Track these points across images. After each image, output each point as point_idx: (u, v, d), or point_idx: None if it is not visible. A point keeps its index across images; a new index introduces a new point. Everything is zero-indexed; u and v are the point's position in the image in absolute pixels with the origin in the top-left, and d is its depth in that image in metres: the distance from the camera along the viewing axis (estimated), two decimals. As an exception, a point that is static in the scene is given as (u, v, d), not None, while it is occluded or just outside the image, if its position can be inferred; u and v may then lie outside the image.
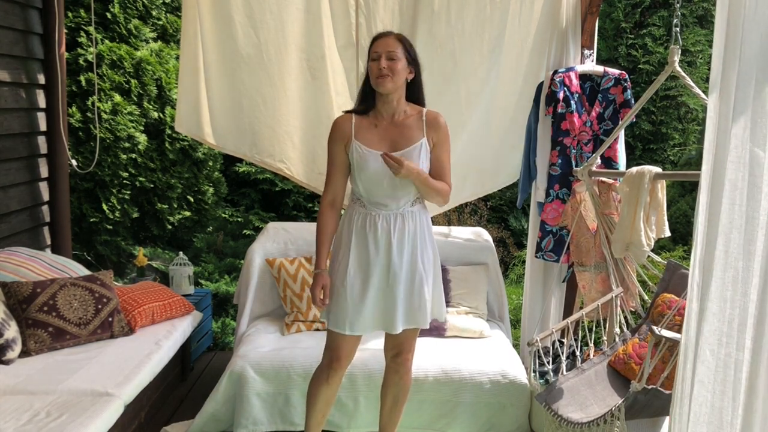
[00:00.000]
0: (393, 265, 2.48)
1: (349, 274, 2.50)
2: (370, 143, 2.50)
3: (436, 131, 2.54)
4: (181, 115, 3.69)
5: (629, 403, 2.15)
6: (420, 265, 2.52)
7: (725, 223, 1.33)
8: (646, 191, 2.72)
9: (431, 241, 2.61)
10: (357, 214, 2.53)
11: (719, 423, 1.36)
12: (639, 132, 6.38)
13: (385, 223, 2.49)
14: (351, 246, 2.51)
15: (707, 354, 1.35)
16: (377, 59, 2.45)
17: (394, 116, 2.53)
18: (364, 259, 2.50)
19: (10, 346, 2.79)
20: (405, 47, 2.50)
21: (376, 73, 2.44)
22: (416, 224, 2.54)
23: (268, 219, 5.59)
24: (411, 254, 2.51)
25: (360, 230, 2.51)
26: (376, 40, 2.52)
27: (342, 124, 2.54)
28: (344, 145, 2.53)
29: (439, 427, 3.06)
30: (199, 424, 3.02)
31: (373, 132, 2.52)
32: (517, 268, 5.73)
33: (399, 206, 2.51)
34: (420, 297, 2.53)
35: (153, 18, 5.15)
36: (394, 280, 2.49)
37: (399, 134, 2.51)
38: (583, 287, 3.22)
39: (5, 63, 3.54)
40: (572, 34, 3.45)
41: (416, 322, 2.56)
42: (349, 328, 2.51)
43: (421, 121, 2.53)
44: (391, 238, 2.49)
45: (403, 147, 2.49)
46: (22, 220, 3.73)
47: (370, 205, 2.52)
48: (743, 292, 1.35)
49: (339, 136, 2.53)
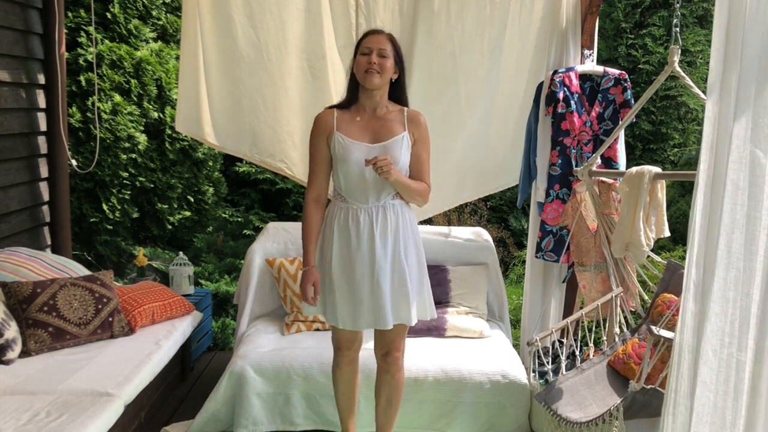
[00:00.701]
0: (377, 259, 2.50)
1: (334, 270, 2.53)
2: (352, 134, 2.54)
3: (417, 128, 2.58)
4: (181, 115, 3.69)
5: (628, 403, 2.15)
6: (402, 259, 2.54)
7: (727, 223, 1.33)
8: (645, 191, 2.72)
9: (414, 236, 2.62)
10: (339, 210, 2.56)
11: (722, 423, 1.36)
12: (639, 132, 6.38)
13: (366, 217, 2.52)
14: (334, 241, 2.54)
15: (710, 354, 1.35)
16: (368, 54, 2.49)
17: (376, 110, 2.57)
18: (346, 254, 2.53)
19: (10, 346, 2.79)
20: (395, 47, 2.55)
21: (365, 68, 2.48)
22: (398, 218, 2.56)
23: (268, 219, 5.59)
24: (393, 248, 2.54)
25: (343, 225, 2.54)
26: (367, 36, 2.55)
27: (324, 118, 2.58)
28: (326, 138, 2.56)
29: (439, 427, 3.06)
30: (199, 424, 3.03)
31: (355, 124, 2.56)
32: (517, 268, 5.73)
33: (380, 199, 2.53)
34: (403, 292, 2.54)
35: (153, 18, 5.15)
36: (380, 273, 2.50)
37: (381, 126, 2.55)
38: (583, 287, 3.22)
39: (5, 63, 3.55)
40: (572, 34, 3.45)
41: (401, 318, 2.57)
42: (341, 323, 2.56)
43: (403, 116, 2.58)
44: (373, 231, 2.51)
45: (385, 139, 2.53)
46: (22, 220, 3.73)
47: (352, 199, 2.55)
48: (745, 293, 1.34)
49: (321, 130, 2.57)
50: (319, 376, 2.99)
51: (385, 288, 2.51)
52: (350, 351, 2.71)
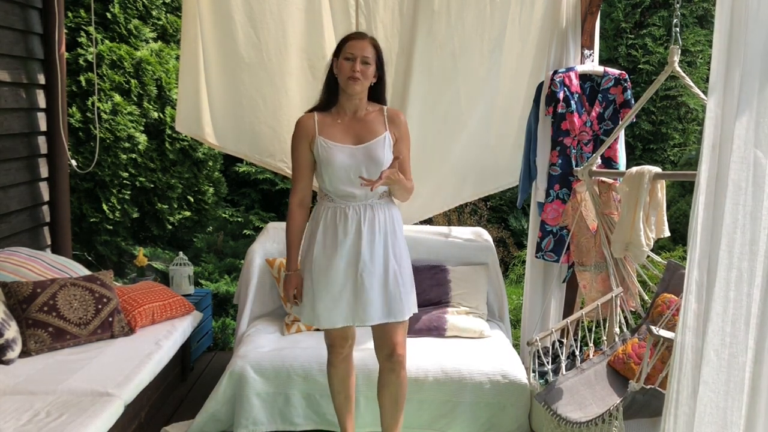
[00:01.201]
0: (362, 255, 2.51)
1: (314, 265, 2.54)
2: (334, 137, 2.54)
3: (398, 127, 2.60)
4: (182, 115, 3.69)
5: (627, 403, 2.15)
6: (392, 257, 2.56)
7: (729, 224, 1.33)
8: (645, 191, 2.72)
9: (401, 233, 2.65)
10: (325, 209, 2.57)
11: (723, 423, 1.36)
12: (639, 132, 6.38)
13: (354, 214, 2.53)
14: (317, 237, 2.55)
15: (711, 354, 1.35)
16: (351, 60, 2.49)
17: (357, 112, 2.58)
18: (331, 249, 2.53)
19: (10, 346, 2.78)
20: (377, 52, 2.56)
21: (348, 74, 2.49)
22: (386, 216, 2.57)
23: (268, 219, 5.59)
24: (383, 247, 2.55)
25: (330, 223, 2.55)
26: (350, 40, 2.55)
27: (305, 122, 2.58)
28: (309, 143, 2.56)
29: (439, 427, 3.06)
30: (199, 424, 3.02)
31: (337, 127, 2.57)
32: (517, 268, 5.73)
33: (367, 196, 2.54)
34: (395, 289, 2.55)
35: (153, 18, 5.14)
36: (364, 271, 2.51)
37: (362, 128, 2.57)
38: (583, 287, 3.22)
39: (5, 63, 3.54)
40: (572, 34, 3.45)
41: (393, 316, 2.57)
42: (316, 321, 2.58)
43: (383, 116, 2.59)
44: (361, 226, 2.52)
45: (368, 140, 2.54)
46: (22, 220, 3.73)
47: (339, 199, 2.55)
48: (747, 293, 1.35)
49: (303, 135, 2.57)
50: (319, 376, 2.99)
51: (369, 285, 2.51)
52: (343, 348, 2.72)
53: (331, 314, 2.56)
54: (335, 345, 2.71)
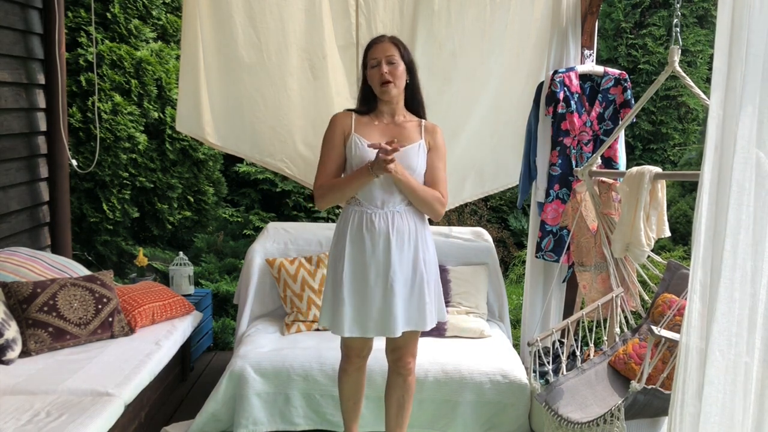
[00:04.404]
0: (392, 265, 2.47)
1: (345, 275, 2.49)
2: (371, 137, 2.52)
3: (434, 138, 2.59)
4: (182, 114, 3.69)
5: (629, 403, 2.15)
6: (422, 265, 2.52)
7: (733, 224, 1.32)
8: (646, 191, 2.72)
9: (431, 240, 2.62)
10: (353, 213, 2.53)
11: (730, 423, 1.36)
12: (639, 132, 6.38)
13: (382, 222, 2.49)
14: (346, 251, 2.50)
15: (717, 355, 1.34)
16: (377, 66, 2.48)
17: (395, 116, 2.58)
18: (360, 260, 2.49)
19: (10, 346, 2.78)
20: (400, 50, 2.53)
21: (380, 80, 2.47)
22: (415, 223, 2.54)
23: (268, 219, 5.58)
24: (414, 254, 2.51)
25: (357, 230, 2.50)
26: (372, 47, 2.54)
27: (342, 118, 2.58)
28: (343, 139, 2.54)
29: (439, 427, 3.06)
30: (199, 424, 3.02)
31: (374, 128, 2.55)
32: (517, 268, 5.73)
33: (396, 203, 2.51)
34: (420, 298, 2.52)
35: (153, 18, 5.14)
36: (394, 279, 2.47)
37: (398, 133, 2.54)
38: (583, 287, 3.22)
39: (5, 63, 3.54)
40: (572, 34, 3.45)
41: (416, 325, 2.55)
42: (348, 331, 2.51)
43: (420, 127, 2.59)
44: (390, 236, 2.48)
45: (403, 145, 2.50)
46: (22, 220, 3.73)
47: (366, 203, 2.51)
48: (752, 293, 1.34)
49: (339, 129, 2.55)
50: (319, 376, 2.99)
51: (397, 294, 2.47)
52: (359, 359, 2.67)
53: (364, 324, 2.50)
54: (351, 355, 2.66)
